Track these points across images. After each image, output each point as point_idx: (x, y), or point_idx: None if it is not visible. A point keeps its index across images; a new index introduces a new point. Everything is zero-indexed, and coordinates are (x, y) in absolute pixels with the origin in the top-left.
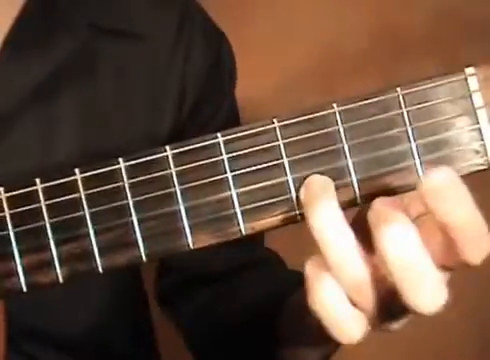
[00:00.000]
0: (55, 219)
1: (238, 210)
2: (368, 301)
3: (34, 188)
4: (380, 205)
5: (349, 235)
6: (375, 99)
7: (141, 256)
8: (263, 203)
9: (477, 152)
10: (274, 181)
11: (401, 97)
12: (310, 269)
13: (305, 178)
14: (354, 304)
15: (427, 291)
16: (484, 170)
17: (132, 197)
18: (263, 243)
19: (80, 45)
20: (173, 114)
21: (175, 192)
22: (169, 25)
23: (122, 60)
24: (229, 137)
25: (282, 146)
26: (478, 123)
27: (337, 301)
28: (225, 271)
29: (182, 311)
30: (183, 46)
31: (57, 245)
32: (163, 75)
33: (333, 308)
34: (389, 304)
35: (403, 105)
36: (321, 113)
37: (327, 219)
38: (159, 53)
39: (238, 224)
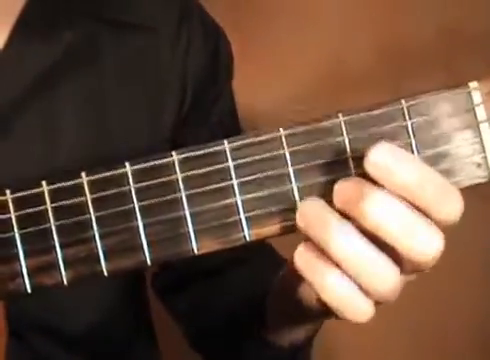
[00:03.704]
0: (61, 222)
1: (243, 217)
2: (378, 292)
3: (40, 190)
4: (347, 185)
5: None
6: (380, 110)
7: (146, 260)
8: (268, 210)
9: (479, 165)
10: (279, 189)
11: (405, 109)
12: (303, 261)
13: (310, 186)
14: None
15: (423, 237)
16: (485, 183)
17: (138, 201)
18: None
19: (82, 37)
20: (175, 109)
21: (181, 197)
22: (170, 19)
23: (124, 53)
24: (235, 144)
25: (288, 155)
26: (480, 136)
27: (347, 290)
28: (221, 264)
29: (178, 304)
30: (184, 40)
31: (62, 248)
32: (165, 69)
33: (343, 298)
34: None
35: (407, 117)
36: (327, 122)
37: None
38: (161, 47)
39: (243, 230)
